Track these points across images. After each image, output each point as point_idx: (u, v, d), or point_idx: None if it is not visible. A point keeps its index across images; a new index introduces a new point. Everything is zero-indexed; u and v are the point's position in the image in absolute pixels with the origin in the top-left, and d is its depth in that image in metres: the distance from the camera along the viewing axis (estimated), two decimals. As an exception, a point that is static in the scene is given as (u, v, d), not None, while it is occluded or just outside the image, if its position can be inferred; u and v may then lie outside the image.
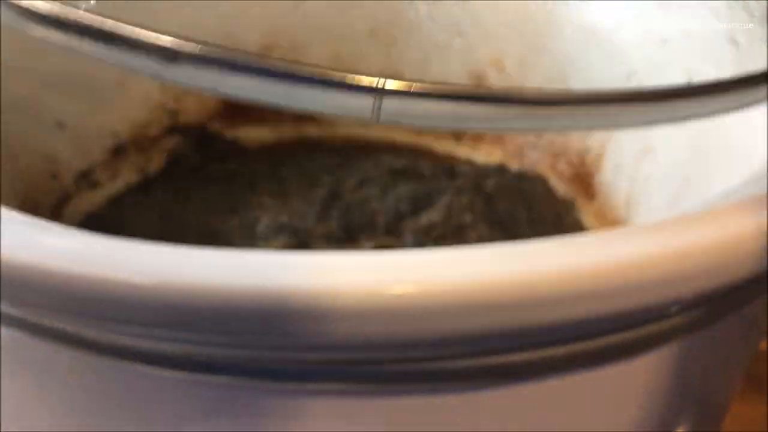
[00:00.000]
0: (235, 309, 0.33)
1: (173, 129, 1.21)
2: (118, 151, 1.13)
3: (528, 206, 1.07)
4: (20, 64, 0.95)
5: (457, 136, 1.30)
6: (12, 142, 0.91)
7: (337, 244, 0.98)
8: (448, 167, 1.12)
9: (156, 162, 1.19)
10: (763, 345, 0.71)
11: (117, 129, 1.12)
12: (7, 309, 0.41)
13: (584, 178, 1.12)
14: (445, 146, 1.32)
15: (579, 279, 0.35)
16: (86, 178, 1.07)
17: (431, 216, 1.02)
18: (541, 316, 0.35)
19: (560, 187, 1.17)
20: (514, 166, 1.24)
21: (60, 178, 1.02)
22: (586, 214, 1.12)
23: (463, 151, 1.31)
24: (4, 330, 0.44)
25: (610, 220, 1.06)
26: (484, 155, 1.28)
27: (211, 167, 1.12)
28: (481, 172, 1.10)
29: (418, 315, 0.33)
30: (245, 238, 0.98)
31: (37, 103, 0.96)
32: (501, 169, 1.10)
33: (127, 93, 1.12)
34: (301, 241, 0.97)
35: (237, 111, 1.27)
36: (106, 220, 1.03)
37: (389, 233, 1.02)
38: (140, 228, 1.01)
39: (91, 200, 1.09)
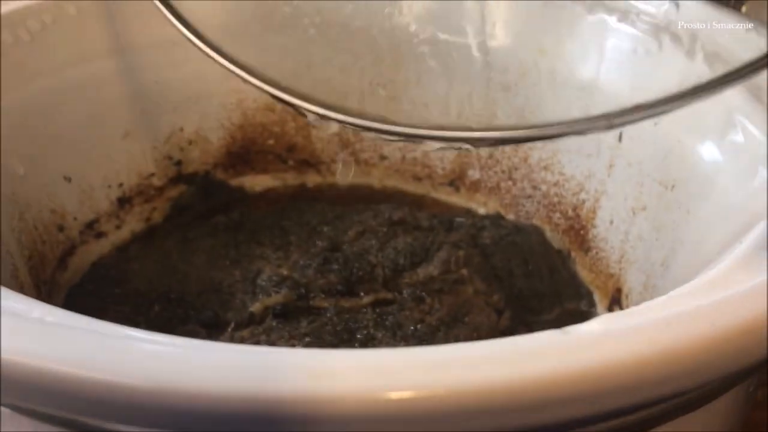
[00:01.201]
0: (232, 415, 0.35)
1: (178, 178, 1.23)
2: (123, 202, 1.15)
3: (523, 259, 1.09)
4: (28, 122, 0.98)
5: (456, 186, 1.32)
6: (20, 198, 0.93)
7: (336, 298, 1.00)
8: (446, 219, 1.15)
9: (160, 211, 1.22)
10: None
11: (122, 180, 1.14)
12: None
13: (579, 231, 1.14)
14: (442, 195, 1.34)
15: (571, 383, 0.37)
16: (92, 229, 1.10)
17: (429, 270, 1.04)
18: (533, 418, 0.37)
19: (555, 238, 1.19)
20: (510, 216, 1.26)
21: (66, 230, 1.04)
22: (581, 267, 1.14)
23: (460, 200, 1.33)
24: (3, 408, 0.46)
25: (604, 275, 1.08)
26: (481, 205, 1.31)
27: (215, 218, 1.14)
28: (478, 224, 1.13)
29: (417, 420, 0.35)
30: (246, 291, 1.00)
31: (45, 159, 0.99)
32: (496, 222, 1.13)
33: (134, 145, 1.15)
34: (300, 294, 0.99)
35: (240, 160, 1.30)
36: (110, 271, 1.05)
37: (387, 287, 1.04)
38: (144, 278, 1.03)
39: (97, 250, 1.11)
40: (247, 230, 1.12)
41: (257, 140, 1.29)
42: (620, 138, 1.04)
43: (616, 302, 1.03)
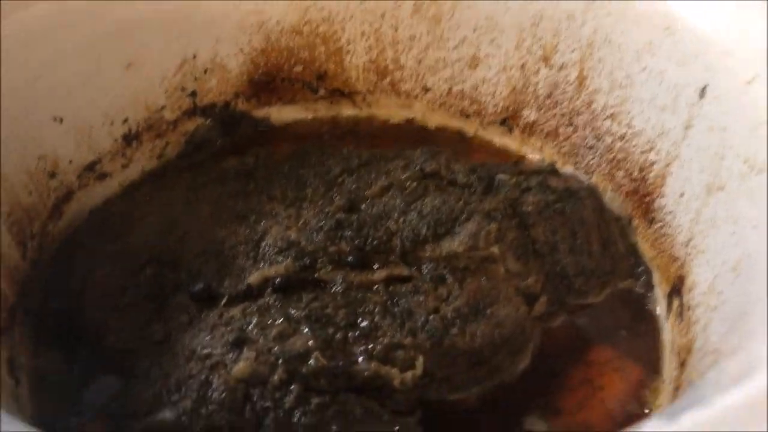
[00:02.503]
0: None
1: (193, 111, 1.11)
2: (129, 139, 1.05)
3: (571, 231, 0.92)
4: (22, 51, 0.87)
5: (508, 126, 1.14)
6: (-6, 149, 0.83)
7: (345, 270, 0.88)
8: (486, 175, 0.98)
9: (174, 146, 1.11)
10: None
11: (127, 115, 1.03)
12: None
13: (644, 197, 0.96)
14: (493, 135, 1.17)
15: None
16: (92, 171, 1.00)
17: (454, 244, 0.89)
18: None
19: (616, 201, 1.01)
20: (567, 167, 1.08)
21: (60, 176, 0.94)
22: (642, 240, 0.96)
23: (512, 143, 1.15)
24: None
25: (667, 256, 0.90)
26: (536, 150, 1.12)
27: (227, 161, 1.02)
28: (523, 185, 0.96)
29: None
30: (248, 256, 0.88)
31: (31, 99, 0.89)
32: (545, 183, 0.95)
33: (139, 76, 1.02)
34: (304, 265, 0.87)
35: (264, 89, 1.15)
36: (108, 220, 0.96)
37: (406, 260, 0.91)
38: (142, 232, 0.93)
39: (100, 192, 1.02)
40: (260, 178, 1.00)
41: (283, 67, 1.14)
42: (703, 92, 0.83)
43: (676, 292, 0.86)
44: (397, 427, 0.74)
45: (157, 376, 0.75)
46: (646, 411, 0.79)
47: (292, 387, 0.74)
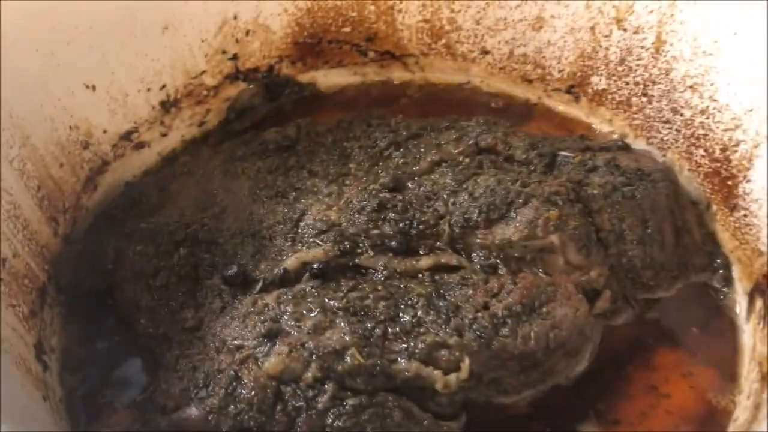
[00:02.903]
0: None
1: (235, 75, 1.05)
2: (167, 106, 0.99)
3: (641, 219, 0.83)
4: (31, 26, 0.81)
5: (575, 94, 1.04)
6: (21, 120, 0.79)
7: (388, 256, 0.81)
8: (548, 152, 0.89)
9: (216, 113, 1.05)
10: None
11: (165, 81, 0.97)
12: None
13: (726, 180, 0.85)
14: (558, 103, 1.06)
15: None
16: (128, 140, 0.95)
17: (508, 231, 0.81)
18: None
19: (694, 182, 0.91)
20: (640, 142, 0.98)
21: (93, 146, 0.90)
22: (722, 228, 0.86)
23: (579, 112, 1.05)
24: None
25: (751, 249, 0.80)
26: (605, 122, 1.02)
27: (266, 133, 0.96)
28: (589, 164, 0.86)
29: None
30: (286, 236, 0.82)
31: (57, 66, 0.84)
32: (614, 162, 0.85)
33: (177, 39, 0.96)
34: (345, 250, 0.81)
35: (309, 52, 1.08)
36: (143, 194, 0.91)
37: (454, 246, 0.83)
38: (177, 207, 0.88)
39: (137, 163, 0.97)
40: (302, 152, 0.94)
41: (330, 28, 1.06)
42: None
43: (760, 292, 0.77)
44: (438, 435, 0.68)
45: (186, 369, 0.71)
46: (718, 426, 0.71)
47: (327, 386, 0.68)
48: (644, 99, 0.95)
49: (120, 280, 0.82)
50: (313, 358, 0.69)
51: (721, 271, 0.84)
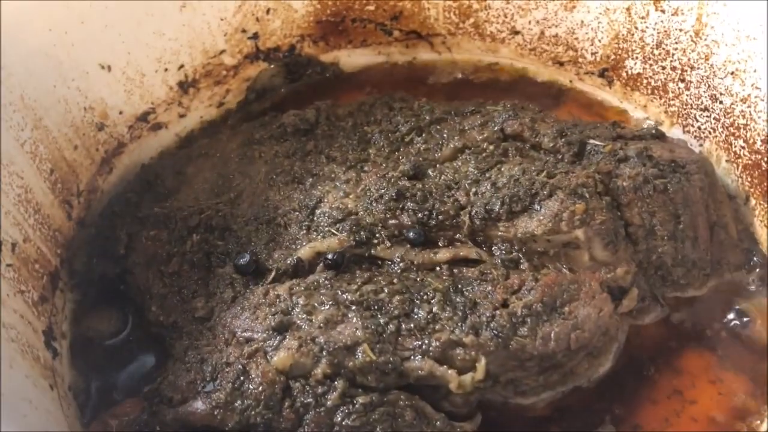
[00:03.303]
0: None
1: (255, 55, 1.02)
2: (186, 86, 0.97)
3: (674, 214, 0.78)
4: (44, 5, 0.79)
5: (608, 78, 0.99)
6: (34, 101, 0.78)
7: (405, 248, 0.78)
8: (577, 139, 0.85)
9: (235, 93, 1.02)
10: None
11: (183, 61, 0.95)
12: None
13: (766, 174, 0.80)
14: (590, 88, 1.01)
15: None
16: (146, 121, 0.94)
17: (531, 224, 0.77)
18: None
19: (731, 175, 0.86)
20: (674, 129, 0.93)
21: (109, 128, 0.89)
22: (760, 224, 0.81)
23: (612, 97, 1.00)
24: None
25: (790, 248, 0.76)
26: (639, 108, 0.97)
27: (285, 116, 0.93)
28: (619, 154, 0.82)
29: None
30: (301, 224, 0.80)
31: (71, 45, 0.82)
32: (647, 152, 0.81)
33: (195, 17, 0.94)
34: (361, 240, 0.78)
35: (333, 30, 1.04)
36: (162, 174, 0.89)
37: (474, 239, 0.80)
38: (193, 191, 0.86)
39: (155, 144, 0.95)
40: (320, 136, 0.91)
41: (353, 6, 1.03)
42: None
43: (799, 295, 0.73)
44: (451, 437, 0.66)
45: (194, 361, 0.70)
46: (749, 438, 0.67)
47: (337, 382, 0.66)
48: (681, 85, 0.90)
49: (132, 266, 0.80)
50: (324, 353, 0.67)
51: (757, 270, 0.79)
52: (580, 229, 0.74)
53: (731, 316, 0.77)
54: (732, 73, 0.83)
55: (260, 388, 0.66)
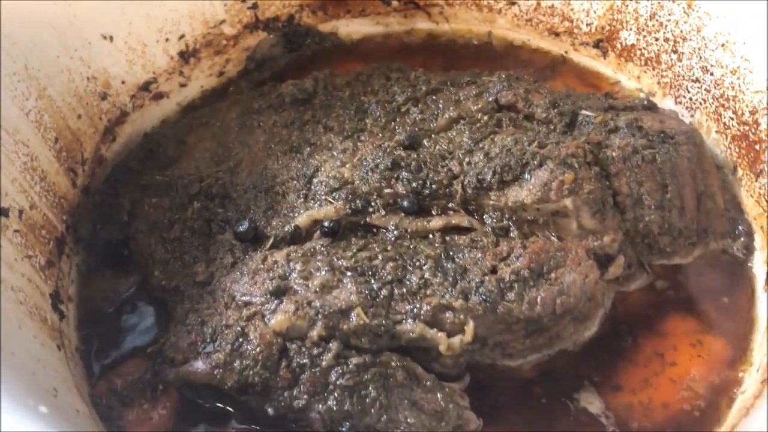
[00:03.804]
0: None
1: (255, 25, 1.04)
2: (186, 56, 0.99)
3: (661, 183, 0.80)
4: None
5: (603, 48, 1.00)
6: (37, 71, 0.80)
7: (399, 216, 0.80)
8: (570, 110, 0.86)
9: (235, 63, 1.04)
10: None
11: (183, 31, 0.97)
12: None
13: (753, 145, 0.82)
14: (585, 58, 1.03)
15: None
16: (147, 91, 0.96)
17: (521, 194, 0.79)
18: None
19: (720, 146, 0.88)
20: (667, 100, 0.94)
21: (111, 97, 0.91)
22: (747, 194, 0.83)
23: (606, 68, 1.01)
24: None
25: (772, 217, 0.78)
26: (633, 78, 0.98)
27: (283, 87, 0.95)
28: (610, 124, 0.83)
29: None
30: (299, 193, 0.82)
31: (73, 16, 0.84)
32: (634, 127, 0.82)
33: (195, -13, 0.95)
34: (356, 209, 0.80)
35: (331, 0, 1.06)
36: (164, 142, 0.92)
37: (467, 207, 0.82)
38: (193, 160, 0.88)
39: (157, 113, 0.97)
40: (318, 105, 0.93)
41: (352, -24, 1.04)
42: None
43: (780, 263, 0.75)
44: (439, 397, 0.69)
45: (194, 323, 0.73)
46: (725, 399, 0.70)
47: (331, 344, 0.69)
48: (674, 56, 0.91)
49: (135, 232, 0.83)
50: (319, 316, 0.70)
51: (742, 239, 0.82)
52: (569, 198, 0.76)
53: (716, 282, 0.80)
54: (722, 45, 0.84)
55: (258, 350, 0.69)
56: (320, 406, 0.67)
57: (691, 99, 0.90)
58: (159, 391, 0.71)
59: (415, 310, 0.71)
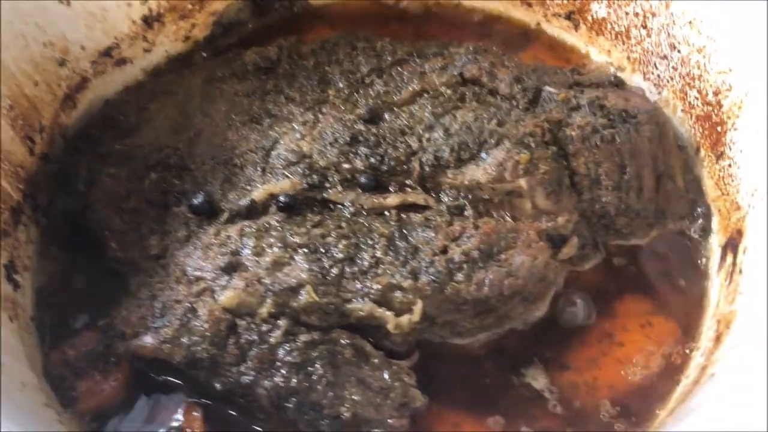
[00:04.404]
0: None
1: (222, -12, 1.01)
2: (150, 20, 0.97)
3: (619, 164, 0.79)
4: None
5: (574, 21, 0.99)
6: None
7: (356, 191, 0.80)
8: (533, 87, 0.85)
9: (202, 28, 1.02)
10: None
11: (147, -6, 0.95)
12: None
13: (715, 126, 0.81)
14: (556, 30, 1.01)
15: None
16: (109, 56, 0.94)
17: (477, 173, 0.78)
18: None
19: (686, 125, 0.87)
20: (636, 76, 0.93)
21: (71, 63, 0.89)
22: (708, 176, 0.82)
23: (578, 41, 0.99)
24: None
25: (730, 202, 0.78)
26: (603, 52, 0.97)
27: (247, 55, 0.93)
28: (572, 102, 0.82)
29: None
30: (257, 166, 0.81)
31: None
32: (596, 105, 0.81)
33: (158, -50, 0.93)
34: (313, 184, 0.80)
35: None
36: (122, 112, 0.90)
37: (424, 186, 0.81)
38: (154, 129, 0.87)
39: (120, 79, 0.96)
40: (281, 75, 0.91)
41: (322, -61, 1.01)
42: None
43: (732, 247, 0.74)
44: (386, 375, 0.69)
45: (145, 297, 0.73)
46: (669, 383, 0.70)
47: (281, 321, 0.70)
48: (643, 31, 0.90)
49: (93, 202, 0.82)
50: (269, 293, 0.70)
51: (700, 221, 0.81)
52: (523, 178, 0.75)
53: (672, 264, 0.80)
54: (690, 22, 0.83)
55: (206, 326, 0.69)
56: (267, 382, 0.68)
57: (659, 76, 0.89)
58: (111, 364, 0.72)
59: (365, 289, 0.71)
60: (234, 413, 0.70)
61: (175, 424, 0.69)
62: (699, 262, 0.79)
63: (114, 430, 0.69)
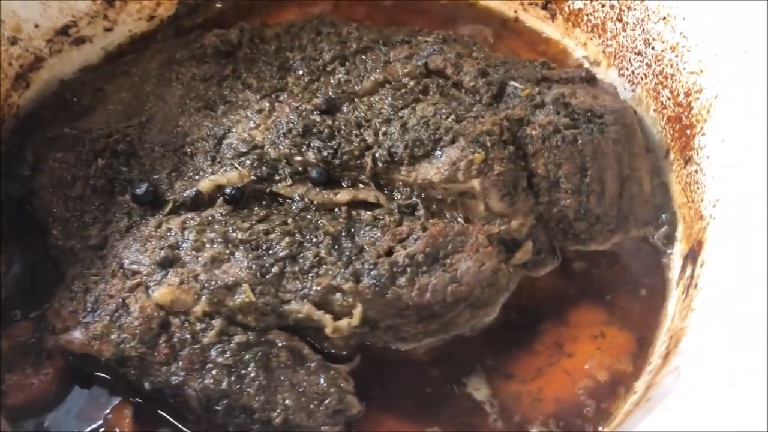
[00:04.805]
0: None
1: (187, -34, 0.98)
2: (111, -1, 0.94)
3: (580, 167, 0.75)
4: None
5: (551, 11, 0.94)
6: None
7: (306, 186, 0.77)
8: (498, 81, 0.81)
9: (166, 6, 0.98)
10: None
11: (107, -28, 0.92)
12: None
13: (685, 129, 0.77)
14: (533, 20, 0.96)
15: None
16: (66, 35, 0.91)
17: (430, 171, 0.75)
18: None
19: (658, 125, 0.83)
20: (611, 71, 0.89)
21: (24, 41, 0.86)
22: (675, 181, 0.78)
23: (554, 32, 0.95)
24: None
25: (694, 211, 0.74)
26: (579, 45, 0.92)
27: (207, 38, 0.89)
28: (536, 100, 0.78)
29: None
30: (207, 155, 0.78)
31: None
32: (561, 103, 0.77)
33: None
34: (262, 176, 0.77)
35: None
36: (76, 93, 0.88)
37: (377, 182, 0.77)
38: (106, 113, 0.84)
39: (78, 59, 0.93)
40: (240, 59, 0.88)
41: None
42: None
43: (692, 259, 0.71)
44: (322, 380, 0.67)
45: (79, 290, 0.71)
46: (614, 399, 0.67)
47: (215, 321, 0.67)
48: (619, 25, 0.85)
49: (38, 187, 0.80)
50: (205, 291, 0.68)
51: (664, 228, 0.78)
52: (477, 179, 0.72)
53: (632, 272, 0.77)
54: (664, 18, 0.78)
55: (136, 323, 0.67)
56: (197, 383, 0.66)
57: (633, 72, 0.85)
58: (43, 357, 0.70)
59: (304, 289, 0.68)
60: (165, 414, 0.68)
61: (102, 421, 0.68)
62: (660, 271, 0.76)
63: (39, 428, 0.68)
